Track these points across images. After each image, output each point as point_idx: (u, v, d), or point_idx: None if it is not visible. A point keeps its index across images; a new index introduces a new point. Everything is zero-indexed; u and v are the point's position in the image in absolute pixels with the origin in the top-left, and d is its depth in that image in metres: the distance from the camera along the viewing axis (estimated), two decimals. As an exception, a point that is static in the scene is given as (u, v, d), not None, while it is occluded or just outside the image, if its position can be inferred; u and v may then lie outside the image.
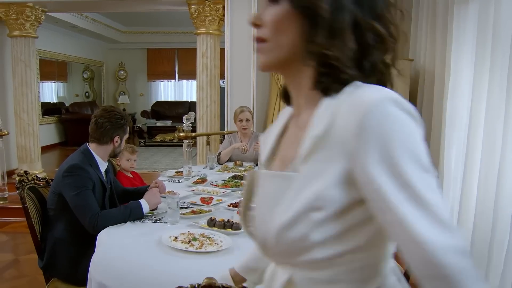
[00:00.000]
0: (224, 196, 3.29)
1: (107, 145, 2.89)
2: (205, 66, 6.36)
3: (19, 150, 7.00)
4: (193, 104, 13.76)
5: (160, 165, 9.23)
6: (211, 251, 2.13)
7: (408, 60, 5.46)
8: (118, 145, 2.93)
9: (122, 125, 2.90)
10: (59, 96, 12.67)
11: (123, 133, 2.93)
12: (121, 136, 2.92)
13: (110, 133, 2.87)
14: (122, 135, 2.93)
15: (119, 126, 2.88)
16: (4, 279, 4.22)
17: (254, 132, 4.93)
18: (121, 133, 2.91)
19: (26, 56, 6.79)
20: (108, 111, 2.91)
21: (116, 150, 2.96)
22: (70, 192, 2.63)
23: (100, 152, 2.88)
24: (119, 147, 2.95)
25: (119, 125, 2.88)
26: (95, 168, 2.80)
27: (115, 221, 2.59)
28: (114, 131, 2.87)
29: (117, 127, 2.87)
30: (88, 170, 2.72)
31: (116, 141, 2.90)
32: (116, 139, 2.89)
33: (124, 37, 14.44)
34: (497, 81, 3.76)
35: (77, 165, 2.69)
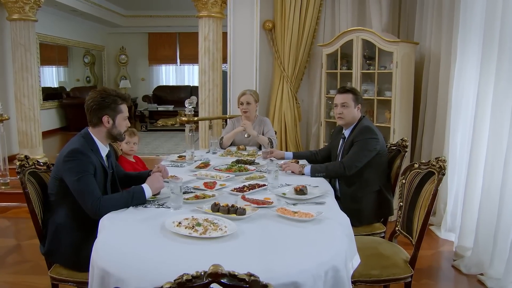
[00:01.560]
0: (228, 181, 3.25)
1: (100, 127, 2.78)
2: (207, 49, 6.28)
3: (20, 135, 6.96)
4: (195, 89, 13.70)
5: (162, 150, 9.19)
6: (216, 237, 2.09)
7: (413, 43, 5.37)
8: (112, 126, 2.78)
9: (108, 104, 2.74)
10: (60, 81, 12.59)
11: (113, 112, 2.77)
12: (111, 115, 2.76)
13: (97, 114, 2.76)
14: (113, 115, 2.77)
15: (105, 105, 2.74)
16: (7, 265, 4.20)
17: (258, 116, 4.86)
18: (110, 113, 2.76)
19: (26, 40, 6.71)
20: (95, 91, 2.81)
21: (113, 132, 2.80)
22: (71, 177, 2.58)
23: (98, 135, 2.80)
24: (115, 128, 2.80)
25: (105, 105, 2.74)
26: (96, 153, 2.74)
27: (117, 206, 2.55)
28: (100, 111, 2.74)
29: (104, 106, 2.74)
30: (89, 155, 2.66)
31: (107, 121, 2.76)
32: (105, 119, 2.75)
33: (125, 21, 14.32)
34: (506, 66, 3.69)
35: (77, 149, 2.63)
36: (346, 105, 3.68)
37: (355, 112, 3.70)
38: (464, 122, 4.56)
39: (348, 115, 3.70)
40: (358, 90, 3.91)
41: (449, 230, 4.81)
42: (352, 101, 3.67)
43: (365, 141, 3.52)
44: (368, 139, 3.53)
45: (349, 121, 3.72)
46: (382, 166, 3.65)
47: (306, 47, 6.18)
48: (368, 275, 2.68)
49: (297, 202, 2.74)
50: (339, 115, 3.74)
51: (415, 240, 2.80)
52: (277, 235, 2.19)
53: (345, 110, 3.69)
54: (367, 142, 3.52)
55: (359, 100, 3.73)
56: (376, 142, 3.54)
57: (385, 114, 5.37)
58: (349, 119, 3.71)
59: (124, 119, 2.86)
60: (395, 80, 5.07)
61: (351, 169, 3.49)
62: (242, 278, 1.22)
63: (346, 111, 3.69)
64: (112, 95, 2.79)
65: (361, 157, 3.51)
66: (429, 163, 2.88)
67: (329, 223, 2.34)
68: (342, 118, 3.72)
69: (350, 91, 3.73)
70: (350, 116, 3.70)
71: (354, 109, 3.68)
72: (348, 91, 3.73)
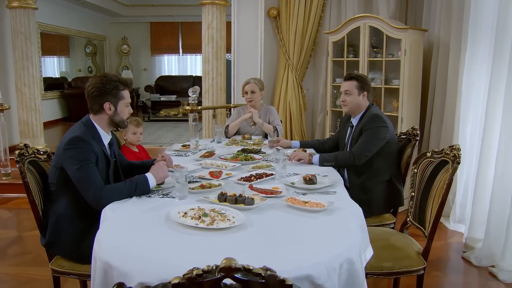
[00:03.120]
0: (234, 170, 3.15)
1: (101, 114, 2.68)
2: (211, 37, 6.15)
3: (21, 125, 6.86)
4: (197, 79, 13.61)
5: (165, 140, 9.11)
6: (224, 228, 1.99)
7: (421, 31, 5.24)
8: (113, 113, 2.68)
9: (109, 90, 2.64)
10: (61, 71, 12.49)
11: (115, 98, 2.67)
12: (112, 102, 2.66)
13: (98, 101, 2.64)
14: (115, 101, 2.67)
15: (106, 91, 2.63)
16: (8, 256, 4.13)
17: (264, 105, 4.76)
18: (111, 99, 2.65)
19: (26, 28, 6.59)
20: (96, 77, 2.71)
21: (115, 119, 2.70)
22: (72, 166, 2.48)
23: (99, 123, 2.70)
24: (117, 115, 2.70)
25: (106, 91, 2.63)
26: (97, 141, 2.64)
27: (120, 196, 2.45)
28: (101, 98, 2.63)
29: (105, 92, 2.63)
30: (91, 143, 2.55)
31: (109, 108, 2.65)
32: (106, 105, 2.65)
33: (127, 10, 14.18)
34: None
35: (79, 137, 2.53)
36: (349, 92, 3.57)
37: (359, 99, 3.57)
38: (475, 111, 4.45)
39: (351, 102, 3.58)
40: (365, 77, 3.77)
41: (458, 221, 4.71)
42: (356, 89, 3.55)
43: (374, 129, 3.41)
44: (377, 128, 3.41)
45: (354, 108, 3.61)
46: (392, 155, 3.54)
47: (311, 34, 6.06)
48: (380, 267, 2.59)
49: (306, 191, 2.64)
50: (342, 102, 3.65)
51: (428, 231, 2.70)
52: (288, 226, 2.09)
53: (348, 97, 3.58)
54: (377, 130, 3.41)
55: (366, 88, 3.59)
56: (386, 130, 3.42)
57: (392, 103, 5.26)
58: (353, 106, 3.60)
59: (127, 105, 2.75)
60: (403, 68, 4.96)
61: (361, 159, 3.38)
62: (257, 272, 1.12)
63: (349, 98, 3.58)
64: (114, 80, 2.68)
65: (370, 146, 3.39)
66: (443, 152, 2.78)
67: (341, 213, 2.24)
68: (345, 105, 3.63)
69: (355, 78, 3.60)
70: (354, 103, 3.58)
71: (358, 96, 3.56)
72: (352, 78, 3.61)
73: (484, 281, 3.67)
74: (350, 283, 1.81)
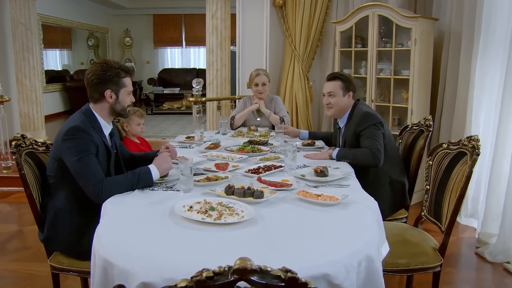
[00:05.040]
0: (241, 162, 3.02)
1: (101, 102, 2.55)
2: (215, 28, 6.01)
3: (22, 117, 6.75)
4: (201, 72, 13.49)
5: (168, 133, 8.99)
6: (232, 223, 1.86)
7: (432, 19, 5.08)
8: (115, 101, 2.55)
9: (110, 77, 2.51)
10: (63, 64, 12.36)
11: (116, 86, 2.54)
12: (114, 90, 2.53)
13: (99, 88, 2.51)
14: (116, 89, 2.54)
15: (107, 79, 2.51)
16: (8, 251, 4.02)
17: (269, 95, 4.62)
18: (112, 87, 2.52)
19: (27, 18, 6.47)
20: (96, 64, 2.58)
21: (116, 107, 2.57)
22: (71, 157, 2.35)
23: (100, 112, 2.57)
24: (118, 104, 2.57)
25: (107, 78, 2.51)
26: (98, 131, 2.51)
27: (121, 188, 2.33)
28: (102, 86, 2.51)
29: (105, 80, 2.51)
30: (90, 133, 2.42)
31: (110, 96, 2.52)
32: (107, 93, 2.52)
33: (129, 2, 14.02)
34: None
35: (78, 127, 2.40)
36: (333, 94, 3.36)
37: (345, 100, 3.37)
38: (489, 101, 4.30)
39: (336, 104, 3.37)
40: (349, 76, 3.52)
41: (470, 215, 4.58)
42: (341, 89, 3.35)
43: (370, 128, 3.17)
44: (372, 126, 3.18)
45: (339, 111, 3.40)
46: (390, 152, 3.29)
47: (318, 24, 5.91)
48: (395, 264, 2.46)
49: (318, 184, 2.50)
50: (327, 105, 3.43)
51: (445, 226, 2.57)
52: (300, 221, 1.95)
53: (332, 99, 3.37)
54: (373, 128, 3.17)
55: (351, 87, 3.38)
56: (381, 125, 3.20)
57: (402, 94, 5.12)
58: (337, 109, 3.39)
59: (128, 93, 2.62)
60: (413, 58, 4.81)
61: (380, 158, 3.08)
62: (276, 274, 0.98)
63: (334, 100, 3.37)
64: (115, 67, 2.54)
65: (379, 144, 3.11)
66: (460, 143, 2.64)
67: (357, 207, 2.11)
68: (330, 107, 3.41)
69: (338, 78, 3.38)
70: (339, 106, 3.37)
71: (343, 97, 3.36)
72: (336, 78, 3.39)
73: (500, 277, 3.54)
74: (369, 281, 1.68)
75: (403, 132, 3.62)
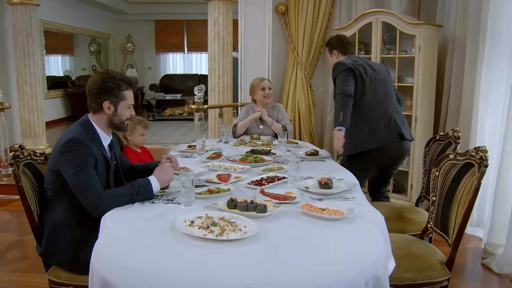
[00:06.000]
0: (243, 173, 2.97)
1: (100, 113, 2.49)
2: (217, 34, 5.97)
3: (23, 124, 6.70)
4: (203, 77, 13.49)
5: (170, 140, 8.94)
6: (235, 239, 1.80)
7: (436, 26, 5.03)
8: (113, 114, 2.49)
9: (110, 88, 2.45)
10: (65, 69, 12.35)
11: (116, 98, 2.47)
12: (112, 102, 2.47)
13: (98, 99, 2.45)
14: (115, 101, 2.48)
15: (107, 90, 2.45)
16: (6, 261, 3.96)
17: (271, 103, 4.58)
18: (111, 99, 2.46)
19: (28, 25, 6.43)
20: (98, 73, 2.52)
21: (114, 120, 2.50)
22: (69, 170, 2.30)
23: (98, 123, 2.51)
24: (116, 117, 2.50)
25: (107, 89, 2.45)
26: (96, 142, 2.45)
27: (120, 202, 2.27)
28: (101, 96, 2.45)
29: (105, 91, 2.45)
30: (89, 145, 2.37)
31: (108, 107, 2.46)
32: (106, 105, 2.45)
33: (131, 8, 14.04)
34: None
35: (76, 139, 2.34)
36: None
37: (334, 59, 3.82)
38: (495, 108, 4.25)
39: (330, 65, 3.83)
40: (331, 38, 3.98)
41: (476, 225, 4.51)
42: (328, 52, 3.92)
43: (339, 75, 3.51)
44: (339, 73, 3.52)
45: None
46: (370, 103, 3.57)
47: (321, 31, 5.86)
48: (401, 278, 2.39)
49: (322, 197, 2.44)
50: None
51: (453, 239, 2.50)
52: (305, 237, 1.90)
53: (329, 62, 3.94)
54: (341, 74, 3.51)
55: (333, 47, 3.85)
56: (350, 70, 3.49)
57: (406, 101, 5.06)
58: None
59: (128, 107, 2.55)
60: (417, 65, 4.76)
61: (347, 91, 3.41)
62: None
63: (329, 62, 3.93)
64: (116, 78, 2.48)
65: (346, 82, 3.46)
66: (467, 154, 2.57)
67: (363, 222, 2.05)
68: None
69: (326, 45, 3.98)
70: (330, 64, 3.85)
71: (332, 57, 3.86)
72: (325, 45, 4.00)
73: (507, 289, 3.47)
74: (376, 301, 1.62)
75: (430, 143, 3.51)
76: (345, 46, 3.85)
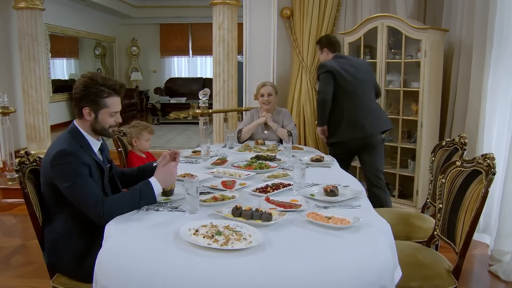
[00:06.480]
0: (248, 180, 2.94)
1: (82, 119, 2.40)
2: (222, 38, 5.96)
3: (28, 128, 6.71)
4: (207, 81, 13.47)
5: (174, 144, 8.93)
6: (239, 249, 1.78)
7: (442, 31, 5.01)
8: (94, 120, 2.40)
9: (90, 95, 2.36)
10: (70, 73, 12.36)
11: (95, 105, 2.38)
12: (92, 108, 2.38)
13: (78, 104, 2.38)
14: (95, 108, 2.38)
15: (87, 96, 2.36)
16: (11, 266, 3.96)
17: (277, 108, 4.55)
18: (91, 105, 2.37)
19: (33, 29, 6.45)
20: (83, 77, 2.43)
21: (96, 126, 2.42)
22: (63, 184, 2.25)
23: (84, 128, 2.44)
24: (98, 123, 2.42)
25: (87, 95, 2.35)
26: (86, 149, 2.39)
27: (123, 208, 2.22)
28: (81, 102, 2.37)
29: (85, 97, 2.36)
30: (79, 154, 2.30)
31: (88, 114, 2.38)
32: (85, 111, 2.37)
33: (136, 11, 14.05)
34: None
35: (64, 151, 2.27)
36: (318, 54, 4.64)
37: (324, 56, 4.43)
38: (502, 114, 4.21)
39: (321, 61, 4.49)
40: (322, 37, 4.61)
41: (482, 231, 4.47)
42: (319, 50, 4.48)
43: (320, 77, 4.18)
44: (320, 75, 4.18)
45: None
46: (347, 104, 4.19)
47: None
48: (407, 287, 2.37)
49: (328, 205, 2.42)
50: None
51: (460, 248, 2.48)
52: (310, 246, 1.87)
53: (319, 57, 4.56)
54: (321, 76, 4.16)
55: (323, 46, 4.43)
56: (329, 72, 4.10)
57: (411, 106, 5.04)
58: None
59: (111, 115, 2.45)
60: (423, 70, 4.74)
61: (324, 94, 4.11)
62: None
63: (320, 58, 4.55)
64: (99, 84, 2.38)
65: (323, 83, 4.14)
66: (474, 161, 2.55)
67: (369, 231, 2.02)
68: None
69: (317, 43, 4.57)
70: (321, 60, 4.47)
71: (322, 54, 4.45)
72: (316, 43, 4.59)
73: (514, 297, 3.44)
74: (383, 312, 1.60)
75: (437, 149, 3.46)
76: (334, 45, 4.42)
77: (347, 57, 4.46)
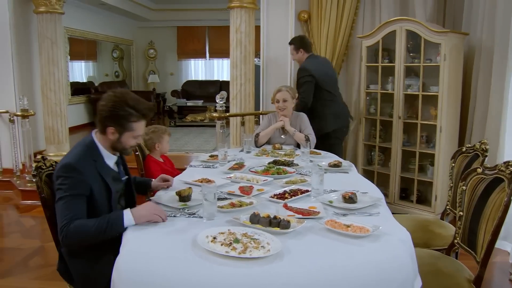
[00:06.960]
0: (266, 185, 2.92)
1: (104, 135, 2.36)
2: (239, 42, 5.95)
3: (47, 131, 6.77)
4: (224, 84, 13.48)
5: (191, 147, 8.93)
6: (257, 257, 1.76)
7: (462, 34, 4.94)
8: (116, 140, 2.37)
9: (119, 117, 2.32)
10: (88, 75, 12.48)
11: (121, 128, 2.34)
12: (118, 130, 2.34)
13: (104, 122, 2.33)
14: (121, 130, 2.34)
15: (115, 117, 2.32)
16: (29, 268, 4.00)
17: (294, 113, 4.52)
18: (117, 127, 2.33)
19: (53, 33, 6.51)
20: (112, 94, 2.35)
21: (117, 146, 2.40)
22: (57, 195, 2.24)
23: (103, 143, 2.40)
24: (120, 143, 2.39)
25: (115, 116, 2.31)
26: (99, 165, 2.35)
27: (87, 235, 2.14)
28: (107, 121, 2.32)
29: (113, 117, 2.32)
30: (84, 171, 2.25)
31: (112, 132, 2.34)
32: (110, 130, 2.33)
33: (154, 14, 14.15)
34: None
35: (70, 165, 2.24)
36: (291, 53, 5.08)
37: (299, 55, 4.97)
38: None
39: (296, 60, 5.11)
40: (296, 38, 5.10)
41: (503, 238, 4.39)
42: (294, 50, 4.97)
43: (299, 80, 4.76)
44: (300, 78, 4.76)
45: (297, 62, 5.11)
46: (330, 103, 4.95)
47: (344, 39, 5.82)
48: (427, 297, 2.33)
49: (347, 212, 2.39)
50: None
51: (481, 257, 2.43)
52: (329, 255, 1.85)
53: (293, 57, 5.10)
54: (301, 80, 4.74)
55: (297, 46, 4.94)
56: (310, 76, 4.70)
57: (430, 111, 4.97)
58: (296, 61, 5.13)
59: (134, 137, 2.43)
60: (442, 74, 4.68)
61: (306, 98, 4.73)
62: None
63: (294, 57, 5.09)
64: (129, 106, 2.33)
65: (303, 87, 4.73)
66: (496, 168, 2.49)
67: (389, 240, 1.98)
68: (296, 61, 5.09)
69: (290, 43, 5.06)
70: (296, 59, 5.12)
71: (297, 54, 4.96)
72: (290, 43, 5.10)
73: (536, 307, 3.37)
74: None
75: (457, 155, 3.38)
76: (308, 46, 4.98)
77: (319, 57, 5.21)
